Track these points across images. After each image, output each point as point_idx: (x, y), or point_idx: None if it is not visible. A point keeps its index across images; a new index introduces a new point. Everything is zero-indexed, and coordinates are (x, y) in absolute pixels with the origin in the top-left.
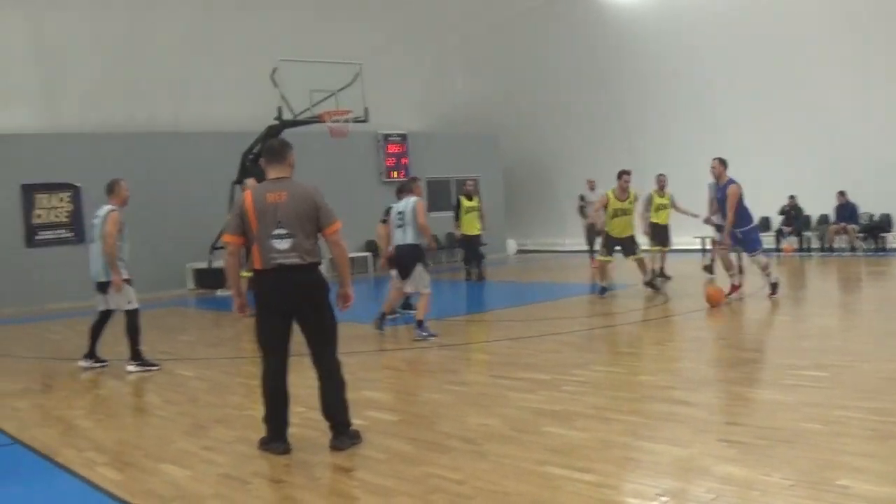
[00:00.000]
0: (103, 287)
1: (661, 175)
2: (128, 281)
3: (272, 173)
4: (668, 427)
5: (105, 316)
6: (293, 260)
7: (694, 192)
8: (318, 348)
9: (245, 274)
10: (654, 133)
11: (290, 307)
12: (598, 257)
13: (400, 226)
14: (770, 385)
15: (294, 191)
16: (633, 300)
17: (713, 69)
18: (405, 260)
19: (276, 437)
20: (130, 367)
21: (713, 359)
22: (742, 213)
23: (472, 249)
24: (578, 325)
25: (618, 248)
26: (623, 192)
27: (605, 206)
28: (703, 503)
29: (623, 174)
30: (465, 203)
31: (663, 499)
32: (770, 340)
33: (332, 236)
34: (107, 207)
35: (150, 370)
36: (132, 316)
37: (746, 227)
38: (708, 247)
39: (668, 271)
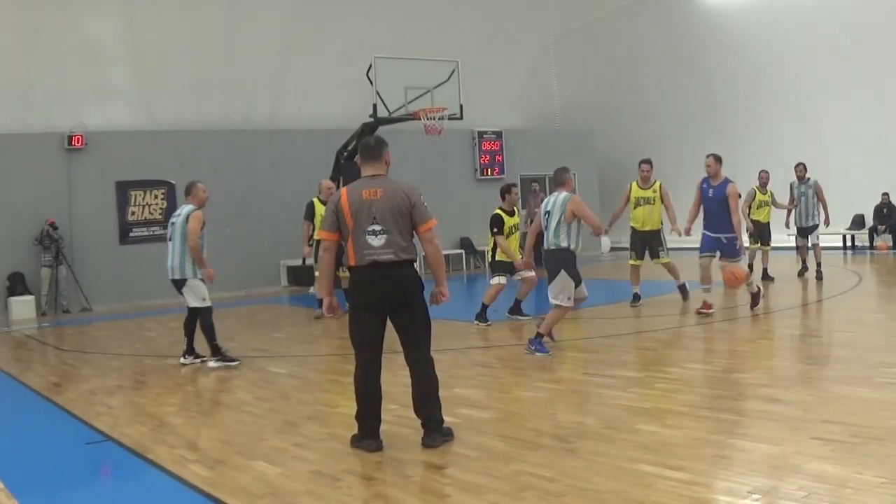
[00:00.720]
0: (178, 285)
1: (763, 171)
2: (201, 280)
3: (368, 170)
4: (760, 425)
5: (194, 312)
6: (388, 256)
7: (784, 187)
8: (411, 345)
9: (342, 275)
10: (748, 129)
11: (384, 304)
12: (629, 261)
13: (547, 227)
14: (863, 383)
15: (389, 188)
16: (723, 298)
17: (806, 63)
18: (549, 266)
19: (368, 435)
20: (211, 363)
21: (806, 356)
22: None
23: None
24: (671, 322)
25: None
26: (645, 181)
27: (627, 198)
28: (794, 501)
29: (643, 163)
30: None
31: (755, 496)
32: (863, 338)
33: (427, 234)
34: (188, 207)
35: (230, 365)
36: (206, 313)
37: (733, 234)
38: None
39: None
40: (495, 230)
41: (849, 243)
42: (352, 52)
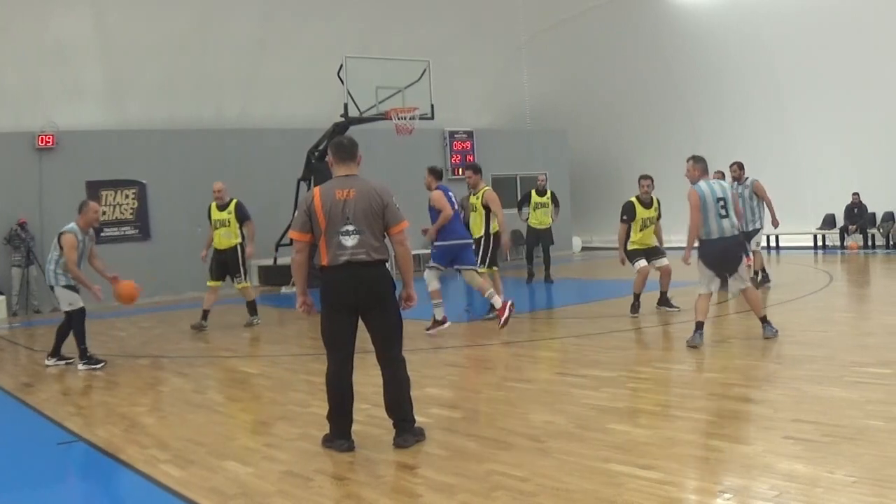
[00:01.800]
0: (51, 289)
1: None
2: (72, 287)
3: (341, 170)
4: (731, 424)
5: (68, 316)
6: (361, 257)
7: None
8: (382, 345)
9: None
10: (721, 129)
11: (357, 304)
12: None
13: (724, 216)
14: (834, 382)
15: (363, 188)
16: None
17: (780, 66)
18: (730, 255)
19: (339, 435)
20: (79, 366)
21: (777, 356)
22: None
23: (541, 246)
24: (643, 322)
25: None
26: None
27: (628, 218)
28: (766, 500)
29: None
30: (536, 198)
31: (726, 496)
32: (834, 338)
33: (398, 236)
34: (69, 225)
35: (95, 368)
36: (77, 317)
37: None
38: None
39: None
40: (624, 217)
41: (820, 243)
42: (323, 51)
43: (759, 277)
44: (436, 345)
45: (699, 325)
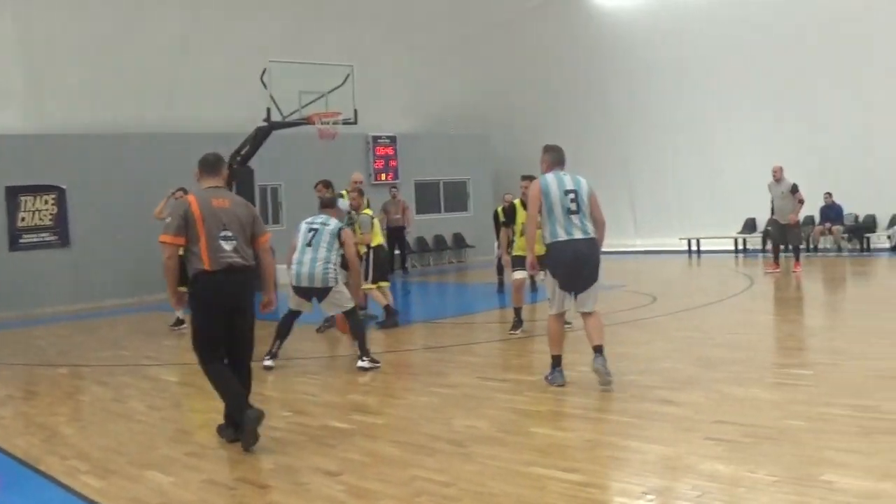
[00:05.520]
0: None
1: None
2: None
3: (209, 182)
4: (654, 426)
5: None
6: (239, 261)
7: (677, 191)
8: (240, 347)
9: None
10: (643, 133)
11: (234, 305)
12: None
13: (574, 211)
14: (755, 383)
15: (235, 199)
16: (619, 301)
17: (702, 71)
18: (583, 263)
19: (234, 424)
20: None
21: (699, 358)
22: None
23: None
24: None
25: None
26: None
27: (504, 218)
28: (688, 500)
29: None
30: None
31: (649, 497)
32: (755, 340)
33: (264, 245)
34: None
35: None
36: None
37: None
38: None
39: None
40: (503, 220)
41: (741, 246)
42: (246, 55)
43: None
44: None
45: (556, 360)
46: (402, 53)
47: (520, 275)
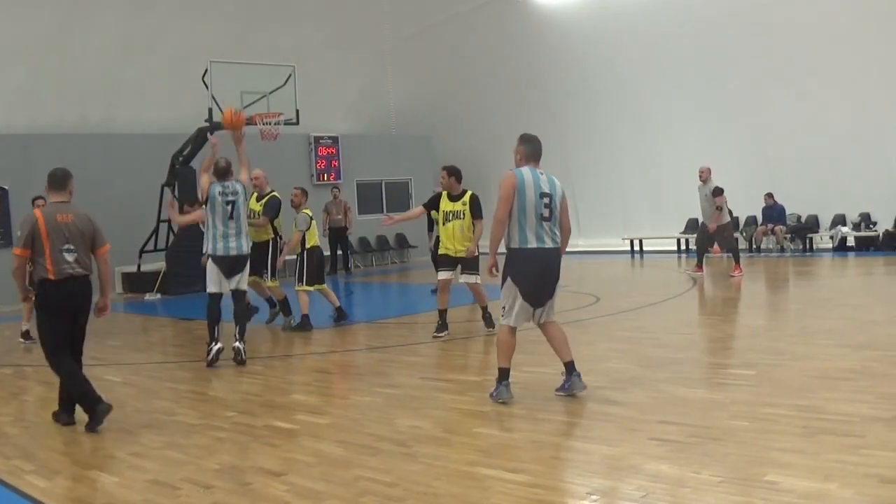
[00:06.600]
0: None
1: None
2: None
3: (56, 197)
4: (598, 426)
5: None
6: (79, 271)
7: (620, 191)
8: (77, 347)
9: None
10: (585, 133)
11: (74, 310)
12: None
13: (546, 218)
14: (699, 384)
15: (78, 214)
16: (562, 301)
17: (642, 72)
18: (549, 275)
19: (66, 409)
20: None
21: (642, 358)
22: None
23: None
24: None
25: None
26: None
27: (429, 205)
28: (633, 501)
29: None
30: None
31: (594, 497)
32: (698, 340)
33: (104, 255)
34: None
35: None
36: None
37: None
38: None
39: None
40: (425, 203)
41: (683, 247)
42: (188, 55)
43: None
44: (303, 351)
45: (504, 374)
46: (343, 54)
47: (444, 275)
